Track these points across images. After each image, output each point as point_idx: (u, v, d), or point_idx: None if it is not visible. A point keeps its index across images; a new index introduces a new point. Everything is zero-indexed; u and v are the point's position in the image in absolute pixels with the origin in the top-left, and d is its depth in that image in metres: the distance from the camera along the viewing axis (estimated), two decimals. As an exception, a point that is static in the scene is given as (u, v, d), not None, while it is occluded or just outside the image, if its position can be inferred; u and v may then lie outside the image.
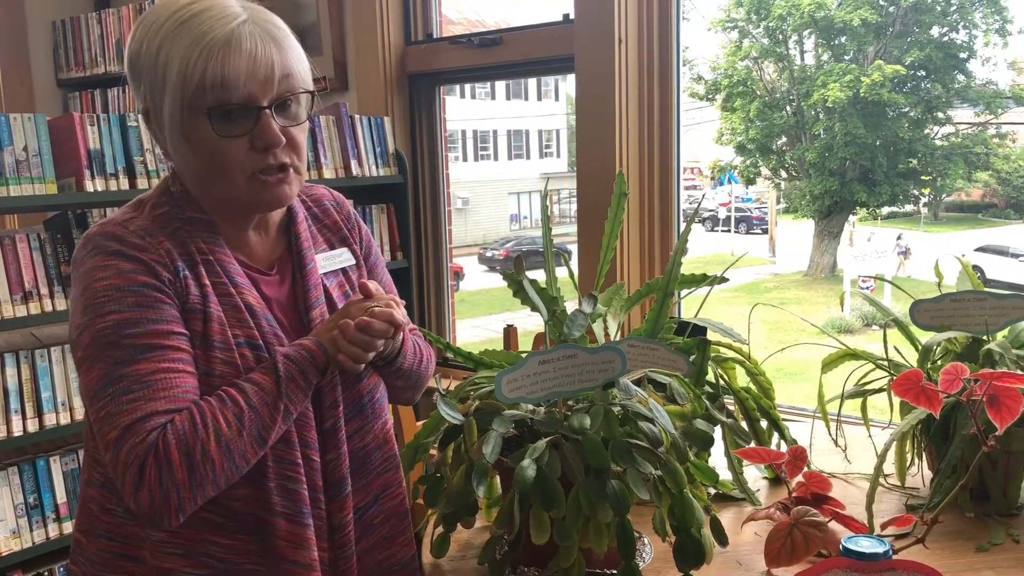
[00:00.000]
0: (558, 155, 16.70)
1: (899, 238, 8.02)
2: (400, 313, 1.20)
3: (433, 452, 1.28)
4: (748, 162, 9.22)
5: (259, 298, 1.19)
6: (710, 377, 1.48)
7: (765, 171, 9.53)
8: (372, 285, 1.22)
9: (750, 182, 9.89)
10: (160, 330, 1.09)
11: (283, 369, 1.12)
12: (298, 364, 1.14)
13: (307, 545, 1.17)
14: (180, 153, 1.17)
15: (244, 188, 1.17)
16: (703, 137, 9.88)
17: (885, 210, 9.11)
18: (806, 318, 1.82)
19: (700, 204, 8.60)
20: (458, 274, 12.05)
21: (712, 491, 1.48)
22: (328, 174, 2.76)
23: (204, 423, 1.07)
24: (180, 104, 1.12)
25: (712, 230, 10.50)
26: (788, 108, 8.96)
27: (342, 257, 1.33)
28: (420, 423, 1.40)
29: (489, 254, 10.95)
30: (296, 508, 1.16)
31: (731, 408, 1.51)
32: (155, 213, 1.18)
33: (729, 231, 10.68)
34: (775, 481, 1.58)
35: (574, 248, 2.80)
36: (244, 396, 1.10)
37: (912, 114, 8.18)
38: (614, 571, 1.14)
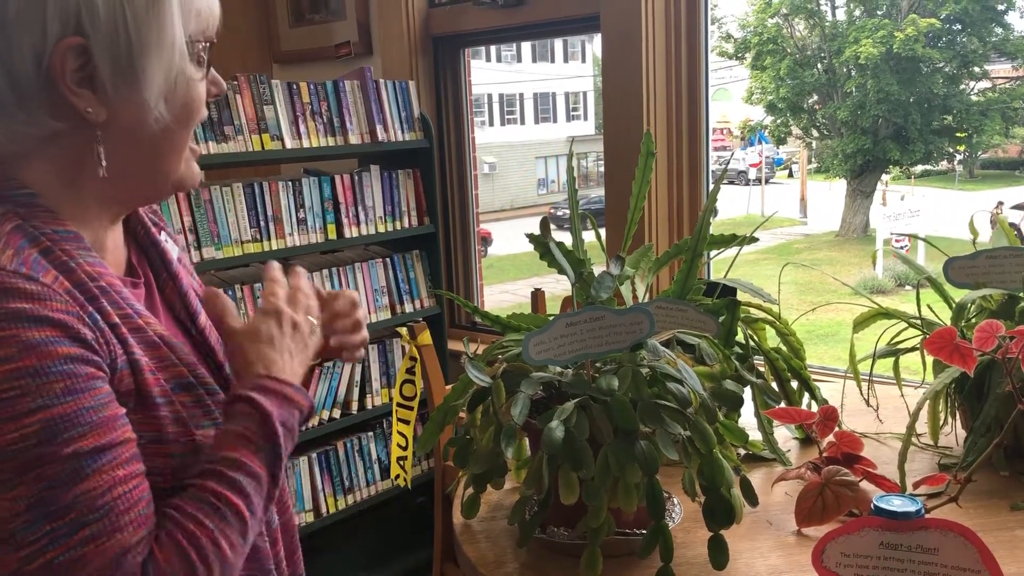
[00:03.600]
0: (585, 118, 16.63)
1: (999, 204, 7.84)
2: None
3: (462, 415, 1.29)
4: (779, 121, 9.12)
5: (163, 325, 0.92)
6: (740, 338, 1.47)
7: (796, 130, 9.41)
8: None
9: (781, 142, 9.78)
10: (105, 419, 0.77)
11: (283, 448, 0.88)
12: (293, 433, 0.90)
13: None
14: (137, 115, 0.83)
15: (184, 163, 0.91)
16: (732, 97, 9.76)
17: (919, 168, 8.98)
18: (837, 277, 1.80)
19: (728, 164, 8.50)
20: (485, 240, 12.08)
21: (742, 452, 1.48)
22: (354, 139, 2.75)
23: (205, 560, 0.79)
24: (185, 33, 0.84)
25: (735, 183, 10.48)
26: (819, 65, 8.82)
27: (170, 244, 1.03)
28: (449, 387, 1.41)
29: (560, 213, 10.94)
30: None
31: (761, 369, 1.50)
32: (5, 230, 0.80)
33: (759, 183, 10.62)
34: (805, 441, 1.57)
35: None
36: (247, 502, 0.83)
37: (947, 69, 8.01)
38: (643, 531, 1.14)
